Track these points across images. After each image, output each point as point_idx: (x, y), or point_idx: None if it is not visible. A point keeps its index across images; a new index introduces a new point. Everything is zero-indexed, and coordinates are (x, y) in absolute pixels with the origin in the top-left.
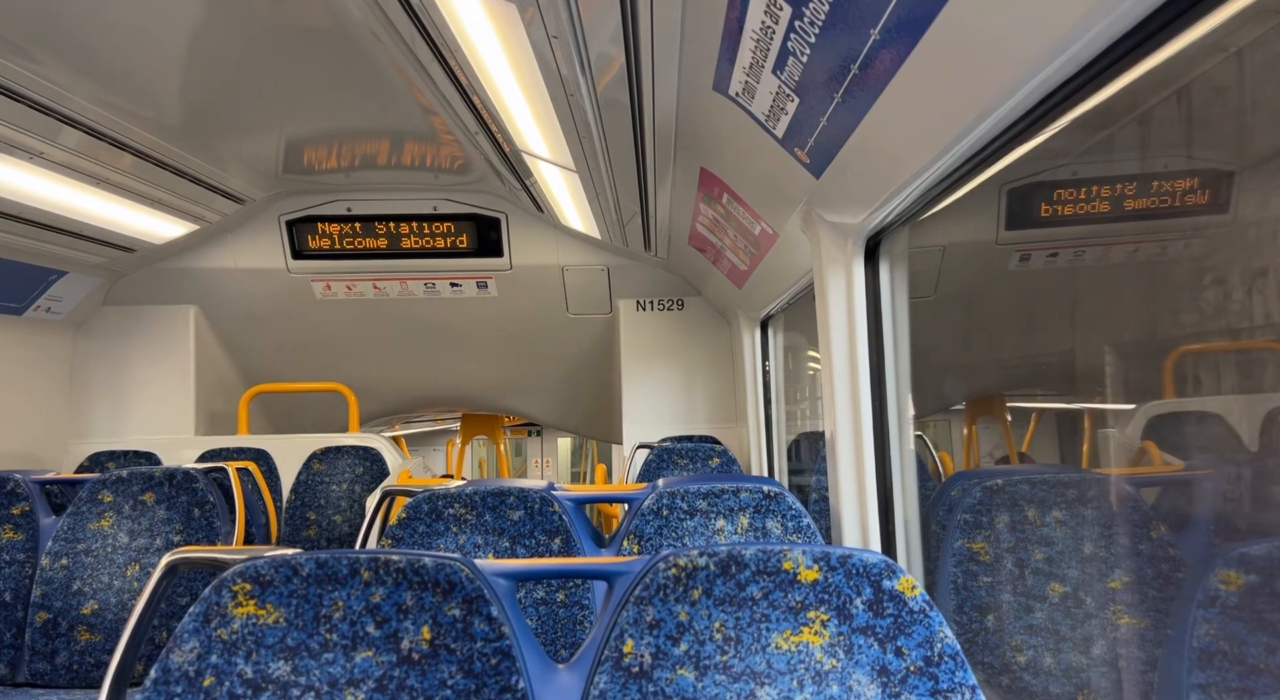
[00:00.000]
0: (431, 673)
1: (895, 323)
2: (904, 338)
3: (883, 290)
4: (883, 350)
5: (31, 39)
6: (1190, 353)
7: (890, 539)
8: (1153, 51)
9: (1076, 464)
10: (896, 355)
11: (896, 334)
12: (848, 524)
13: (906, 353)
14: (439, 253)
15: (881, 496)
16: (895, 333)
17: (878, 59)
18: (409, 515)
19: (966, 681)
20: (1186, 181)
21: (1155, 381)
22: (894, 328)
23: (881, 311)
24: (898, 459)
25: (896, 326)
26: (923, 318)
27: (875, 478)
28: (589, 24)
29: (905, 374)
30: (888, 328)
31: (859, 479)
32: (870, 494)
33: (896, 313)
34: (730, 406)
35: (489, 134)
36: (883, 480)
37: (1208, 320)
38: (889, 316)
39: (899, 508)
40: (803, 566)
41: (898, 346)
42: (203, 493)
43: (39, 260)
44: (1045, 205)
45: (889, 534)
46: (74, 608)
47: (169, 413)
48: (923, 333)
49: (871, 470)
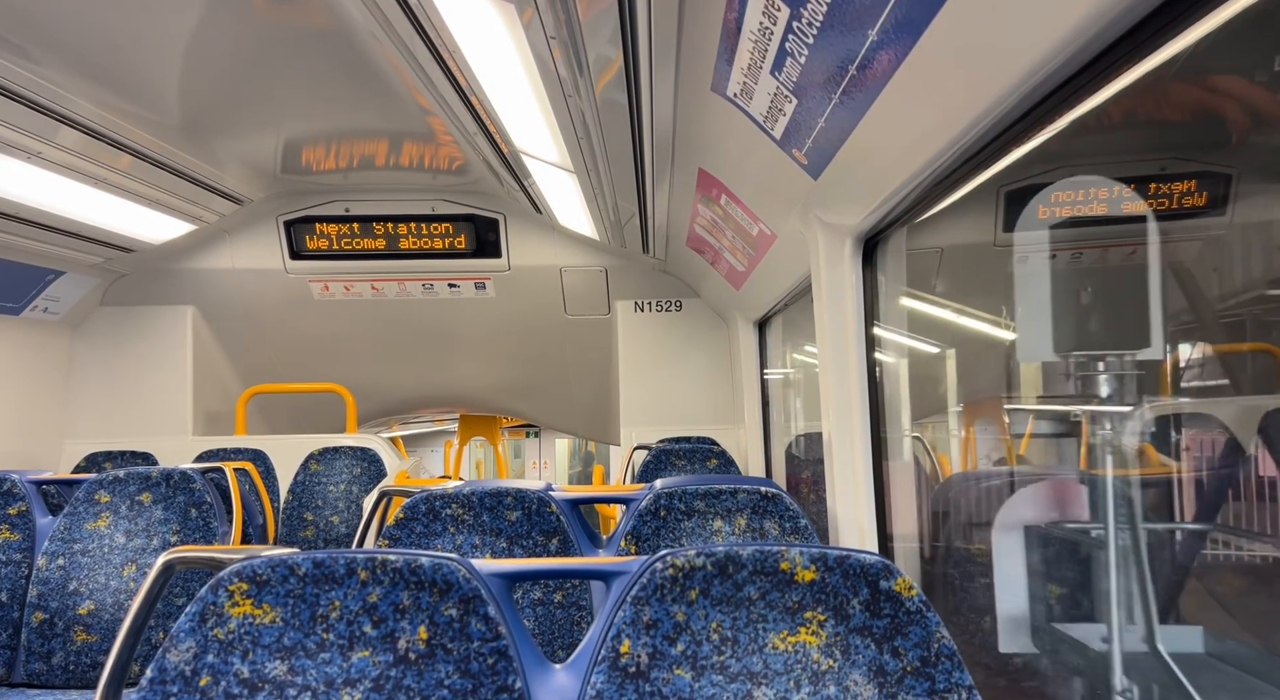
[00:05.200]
0: (428, 672)
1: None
2: (901, 338)
3: (879, 291)
4: (874, 350)
5: (30, 39)
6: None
7: (887, 539)
8: (1148, 54)
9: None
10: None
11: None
12: (844, 524)
13: (904, 354)
14: (437, 253)
15: (878, 497)
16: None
17: (875, 60)
18: (406, 516)
19: (963, 682)
20: (1184, 184)
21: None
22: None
23: (878, 312)
24: (895, 459)
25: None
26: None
27: (872, 478)
28: (587, 25)
29: (904, 375)
30: (884, 328)
31: (856, 479)
32: (867, 494)
33: (893, 313)
34: (728, 407)
35: (487, 135)
36: (879, 480)
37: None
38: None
39: (897, 508)
40: (800, 567)
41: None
42: (200, 493)
43: (36, 260)
44: (1043, 207)
45: (885, 534)
46: (70, 608)
47: (166, 413)
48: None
49: (868, 471)
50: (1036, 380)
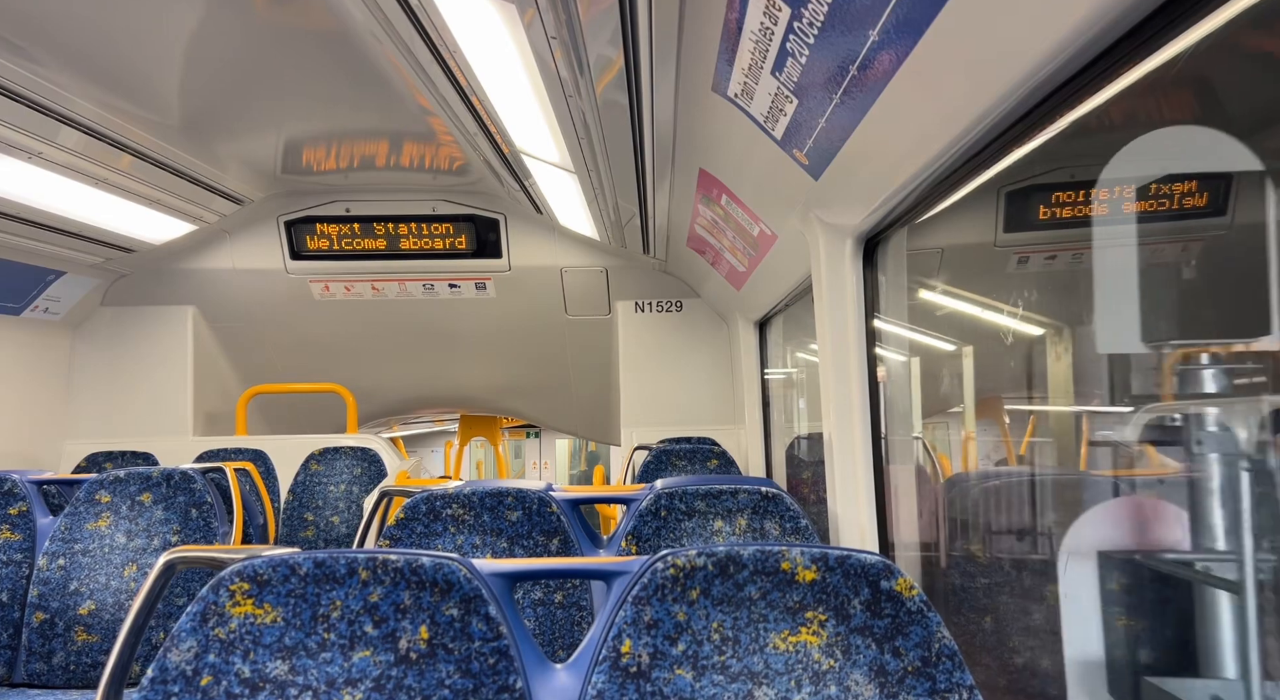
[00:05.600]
0: (429, 672)
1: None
2: (900, 339)
3: (880, 291)
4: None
5: (31, 39)
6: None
7: (887, 539)
8: (1149, 55)
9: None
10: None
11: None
12: (845, 524)
13: (904, 354)
14: (438, 254)
15: (879, 497)
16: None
17: (876, 60)
18: (407, 516)
19: (964, 682)
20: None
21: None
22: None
23: (879, 312)
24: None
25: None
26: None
27: (873, 478)
28: (588, 25)
29: (903, 376)
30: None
31: (856, 479)
32: (867, 494)
33: (893, 314)
34: (728, 408)
35: (488, 135)
36: (880, 481)
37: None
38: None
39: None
40: (801, 567)
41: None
42: (200, 493)
43: (37, 260)
44: (1044, 208)
45: (886, 534)
46: (71, 608)
47: (167, 413)
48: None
49: (869, 470)
50: (1070, 379)
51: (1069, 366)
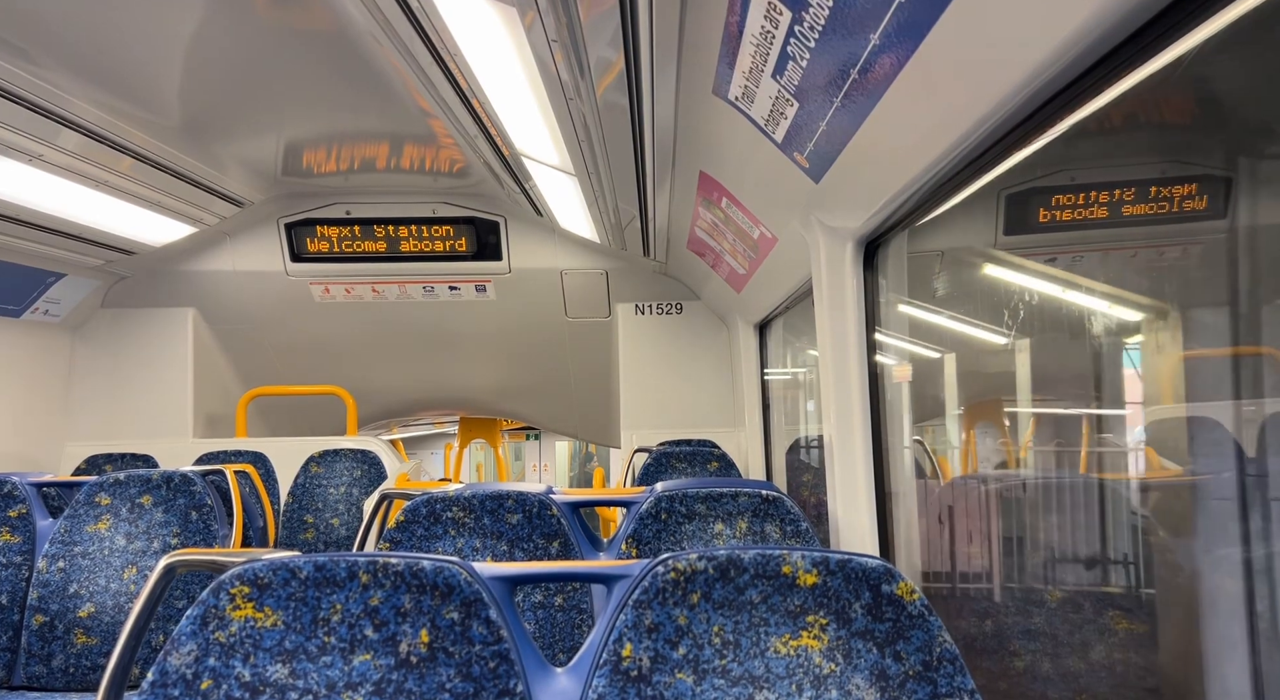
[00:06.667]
0: (430, 676)
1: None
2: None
3: (880, 294)
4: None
5: (31, 41)
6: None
7: (888, 543)
8: (1150, 58)
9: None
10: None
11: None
12: (845, 528)
13: (904, 356)
14: (438, 256)
15: (879, 500)
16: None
17: (877, 64)
18: (407, 518)
19: (965, 686)
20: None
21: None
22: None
23: (879, 315)
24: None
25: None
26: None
27: (873, 481)
28: (588, 28)
29: (903, 377)
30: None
31: (857, 482)
32: (868, 497)
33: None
34: (729, 410)
35: (488, 137)
36: (880, 484)
37: None
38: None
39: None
40: (802, 570)
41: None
42: (200, 496)
43: (37, 262)
44: (1044, 211)
45: (887, 538)
46: (71, 611)
47: (167, 415)
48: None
49: (869, 473)
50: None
51: (1068, 367)
